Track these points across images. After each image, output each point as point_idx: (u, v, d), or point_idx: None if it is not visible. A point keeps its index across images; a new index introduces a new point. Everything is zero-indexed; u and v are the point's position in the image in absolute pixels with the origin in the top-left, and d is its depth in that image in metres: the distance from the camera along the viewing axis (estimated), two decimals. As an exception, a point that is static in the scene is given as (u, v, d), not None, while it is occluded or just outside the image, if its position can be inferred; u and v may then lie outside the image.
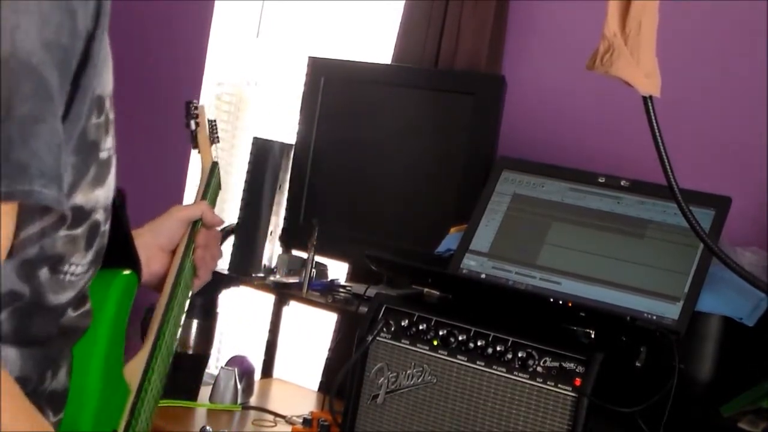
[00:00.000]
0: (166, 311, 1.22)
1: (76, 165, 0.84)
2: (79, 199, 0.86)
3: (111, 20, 0.87)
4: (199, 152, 1.49)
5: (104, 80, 0.86)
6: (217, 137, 1.52)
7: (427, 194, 2.35)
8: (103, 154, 0.88)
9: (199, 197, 1.41)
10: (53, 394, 0.93)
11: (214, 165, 1.47)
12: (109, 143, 0.89)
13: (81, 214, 0.87)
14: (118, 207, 1.00)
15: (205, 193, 1.41)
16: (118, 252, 1.02)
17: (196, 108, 1.49)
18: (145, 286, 1.24)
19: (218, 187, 1.48)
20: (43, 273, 0.86)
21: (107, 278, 1.02)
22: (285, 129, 2.92)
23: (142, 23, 3.27)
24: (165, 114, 3.21)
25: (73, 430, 0.96)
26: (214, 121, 1.54)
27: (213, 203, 1.44)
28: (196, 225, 1.33)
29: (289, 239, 2.51)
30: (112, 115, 0.90)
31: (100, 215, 0.90)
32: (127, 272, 1.06)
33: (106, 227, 0.93)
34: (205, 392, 2.30)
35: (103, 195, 0.90)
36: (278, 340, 2.66)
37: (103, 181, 0.89)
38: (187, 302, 1.32)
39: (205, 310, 2.32)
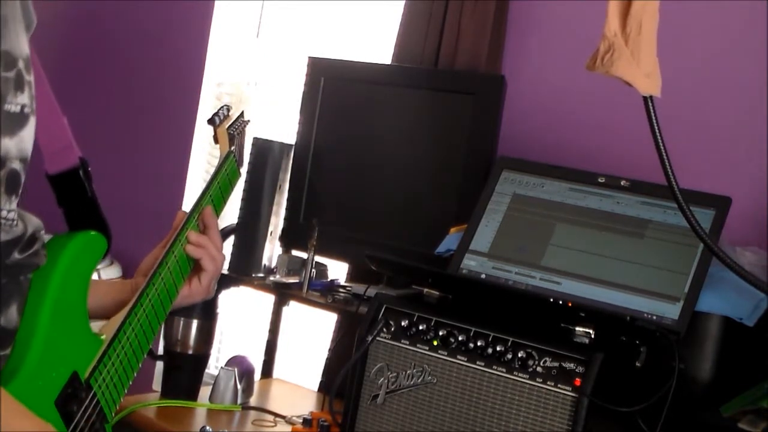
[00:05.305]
0: (151, 277, 1.29)
1: None
2: None
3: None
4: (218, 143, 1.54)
5: (12, 40, 0.96)
6: (240, 132, 1.56)
7: (427, 194, 2.35)
8: (12, 107, 0.96)
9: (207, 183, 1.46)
10: (1, 330, 1.02)
11: (229, 154, 1.51)
12: (22, 100, 0.97)
13: None
14: (84, 175, 1.12)
15: (213, 180, 1.45)
16: (87, 218, 1.11)
17: (228, 110, 1.54)
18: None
19: (234, 174, 1.52)
20: None
21: (71, 235, 1.11)
22: (285, 129, 2.92)
23: (142, 23, 3.27)
24: (165, 114, 3.22)
25: (18, 364, 1.04)
26: (248, 121, 1.59)
27: (225, 190, 1.48)
28: (189, 222, 1.37)
29: (289, 239, 2.51)
30: (29, 78, 0.99)
31: (17, 165, 0.98)
32: (92, 232, 1.14)
33: (24, 180, 1.01)
34: (205, 392, 2.30)
35: (14, 146, 0.97)
36: (278, 340, 2.66)
37: (14, 134, 0.97)
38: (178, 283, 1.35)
39: (205, 310, 2.32)
